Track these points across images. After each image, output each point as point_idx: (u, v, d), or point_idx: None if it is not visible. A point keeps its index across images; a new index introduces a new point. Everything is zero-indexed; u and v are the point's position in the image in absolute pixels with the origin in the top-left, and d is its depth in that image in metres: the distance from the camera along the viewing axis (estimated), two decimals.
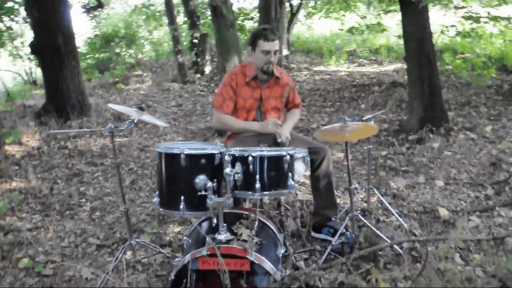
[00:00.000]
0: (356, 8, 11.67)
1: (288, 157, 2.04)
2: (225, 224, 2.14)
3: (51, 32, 6.25)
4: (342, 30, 10.72)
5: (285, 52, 10.16)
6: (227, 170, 1.99)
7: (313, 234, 2.99)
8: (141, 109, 2.56)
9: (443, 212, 3.22)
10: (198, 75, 9.55)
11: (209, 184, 2.03)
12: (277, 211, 2.67)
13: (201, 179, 2.10)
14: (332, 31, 12.00)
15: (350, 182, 2.63)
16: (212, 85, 8.57)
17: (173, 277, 2.05)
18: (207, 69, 9.85)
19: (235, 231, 2.14)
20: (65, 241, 3.27)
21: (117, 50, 13.51)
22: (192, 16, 9.53)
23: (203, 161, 2.12)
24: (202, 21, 11.88)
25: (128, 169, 4.64)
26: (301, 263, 2.39)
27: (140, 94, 8.42)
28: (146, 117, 2.55)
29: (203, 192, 2.06)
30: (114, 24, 14.61)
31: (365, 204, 3.40)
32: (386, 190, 3.65)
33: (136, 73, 10.41)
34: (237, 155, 2.08)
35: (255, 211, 2.37)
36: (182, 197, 2.12)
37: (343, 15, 12.68)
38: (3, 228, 3.49)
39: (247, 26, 13.28)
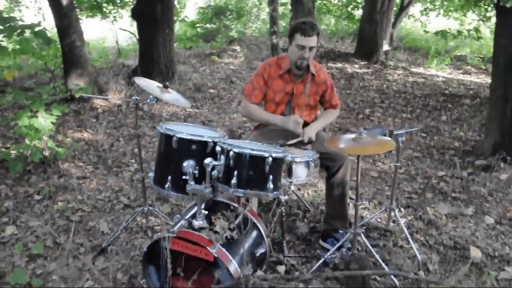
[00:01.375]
0: (479, 8, 10.46)
1: (270, 159, 1.99)
2: (205, 212, 2.18)
3: (151, 0, 6.70)
4: (427, 32, 9.71)
5: (385, 47, 9.60)
6: (207, 160, 2.01)
7: (320, 241, 2.89)
8: (165, 86, 2.65)
9: (475, 253, 2.86)
10: None
11: (190, 170, 2.08)
12: (279, 210, 2.62)
13: (189, 164, 2.15)
14: (446, 31, 10.92)
15: (357, 198, 2.47)
16: None
17: (145, 249, 2.17)
18: None
19: (212, 220, 2.17)
20: (102, 195, 3.61)
21: (227, 23, 13.99)
22: None
23: (193, 147, 2.17)
24: None
25: None
26: (282, 268, 2.33)
27: (228, 69, 8.66)
28: (168, 95, 2.66)
29: (187, 177, 2.12)
30: None
31: (392, 224, 3.16)
32: (422, 214, 3.34)
33: (233, 47, 10.70)
34: (224, 147, 2.08)
35: (246, 205, 2.37)
36: (170, 177, 2.21)
37: (463, 15, 11.50)
38: (60, 171, 3.97)
39: (357, 15, 12.80)
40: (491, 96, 4.28)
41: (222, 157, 2.06)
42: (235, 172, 2.02)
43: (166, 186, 2.21)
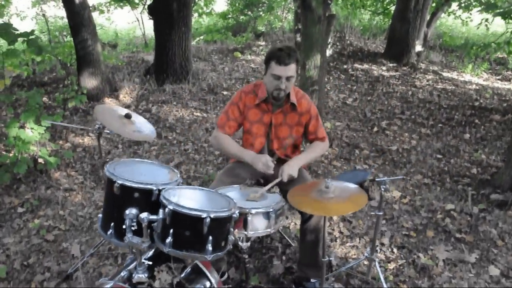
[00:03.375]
0: None
1: (208, 220, 1.77)
2: (149, 263, 2.01)
3: None
4: (445, 40, 8.94)
5: (418, 48, 9.01)
6: (142, 215, 1.82)
7: (293, 287, 2.66)
8: (127, 116, 2.48)
9: None
10: None
11: (128, 221, 1.91)
12: (242, 256, 2.41)
13: (131, 212, 1.98)
14: (489, 30, 10.12)
15: (324, 253, 2.21)
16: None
17: None
18: (328, 52, 9.33)
19: (155, 273, 2.00)
20: (84, 211, 3.53)
21: (259, 14, 13.62)
22: None
23: (136, 194, 1.99)
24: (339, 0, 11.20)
25: (183, 149, 4.73)
26: None
27: (249, 67, 8.40)
28: (130, 127, 2.48)
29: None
30: None
31: (379, 268, 2.87)
32: (417, 258, 3.02)
33: (258, 43, 10.41)
34: (164, 200, 1.88)
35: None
36: (112, 224, 2.05)
37: None
38: (49, 182, 3.92)
39: (392, 10, 12.12)
40: None
41: (161, 211, 1.87)
42: (171, 231, 1.82)
43: (109, 232, 2.05)
